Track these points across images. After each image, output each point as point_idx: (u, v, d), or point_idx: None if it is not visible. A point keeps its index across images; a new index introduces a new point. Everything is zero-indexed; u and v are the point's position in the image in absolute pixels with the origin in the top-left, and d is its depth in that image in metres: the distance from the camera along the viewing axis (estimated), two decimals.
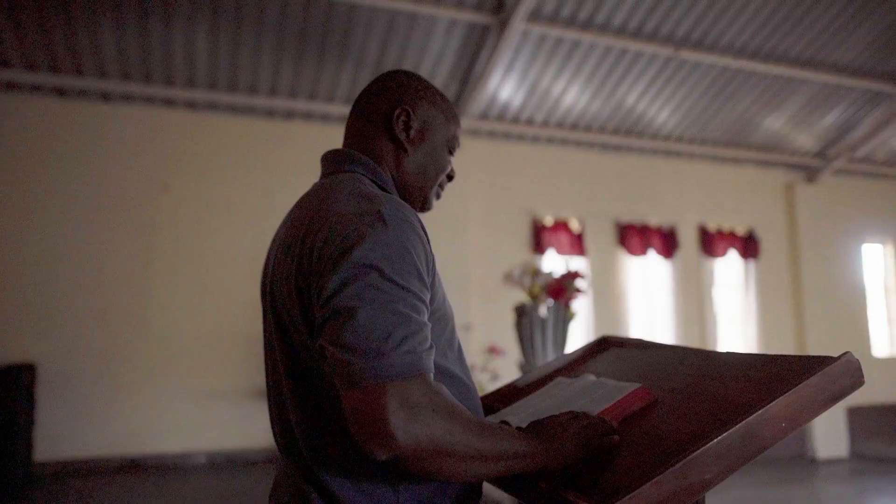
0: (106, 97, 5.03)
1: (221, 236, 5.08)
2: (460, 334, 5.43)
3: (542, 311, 3.22)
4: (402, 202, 0.93)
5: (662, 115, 6.12)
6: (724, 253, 6.66)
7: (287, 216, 1.02)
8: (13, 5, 4.23)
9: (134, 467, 4.72)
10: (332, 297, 0.81)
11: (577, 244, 6.14)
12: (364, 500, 0.88)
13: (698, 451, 0.80)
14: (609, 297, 6.23)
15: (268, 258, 1.04)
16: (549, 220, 6.11)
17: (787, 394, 0.86)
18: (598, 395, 1.04)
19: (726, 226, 6.74)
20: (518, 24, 4.66)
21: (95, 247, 4.92)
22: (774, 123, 6.44)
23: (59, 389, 4.69)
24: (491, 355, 4.75)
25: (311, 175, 1.19)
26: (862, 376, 0.90)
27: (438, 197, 1.14)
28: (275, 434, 1.01)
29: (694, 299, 6.54)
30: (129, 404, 4.82)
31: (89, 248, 4.90)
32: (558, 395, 1.12)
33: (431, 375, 0.81)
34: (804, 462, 6.19)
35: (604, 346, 1.46)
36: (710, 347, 6.37)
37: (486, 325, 5.49)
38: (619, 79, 5.55)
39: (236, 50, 4.81)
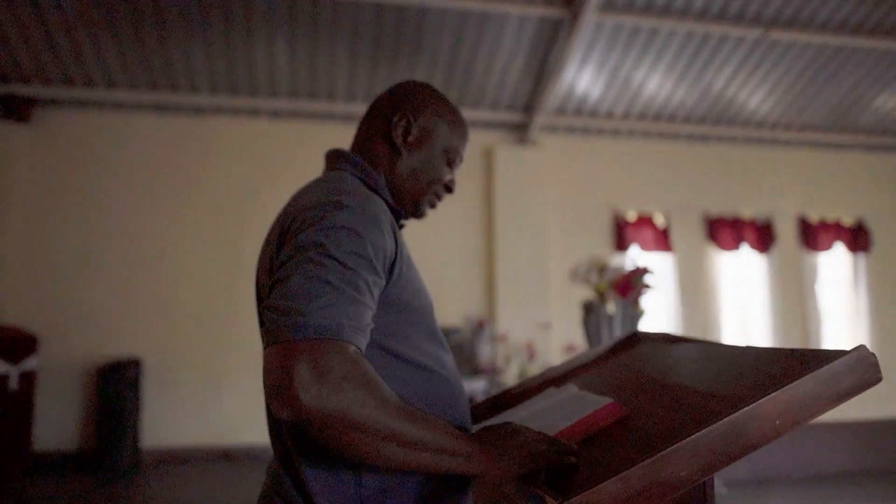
0: (198, 111, 5.39)
1: None
2: (540, 333, 5.29)
3: (610, 308, 3.12)
4: (373, 197, 0.94)
5: (754, 100, 5.75)
6: (828, 246, 6.15)
7: None
8: (116, 32, 4.63)
9: (227, 457, 5.03)
10: (276, 270, 0.86)
11: (663, 239, 5.89)
12: (327, 484, 0.89)
13: (672, 448, 0.75)
14: (698, 295, 5.93)
15: None
16: (631, 216, 5.90)
17: (781, 389, 0.79)
18: (570, 409, 1.00)
19: (831, 216, 6.23)
20: (590, 16, 4.54)
21: (192, 251, 5.28)
22: (886, 103, 5.88)
23: (161, 382, 5.08)
24: (569, 353, 4.68)
25: None
26: (878, 372, 0.82)
27: (433, 206, 1.14)
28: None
29: (794, 297, 6.09)
30: (224, 397, 5.14)
31: (187, 252, 5.27)
32: (536, 407, 1.10)
33: (353, 349, 0.80)
34: None
35: (633, 341, 1.41)
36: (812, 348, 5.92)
37: (565, 324, 5.40)
38: (703, 65, 5.27)
39: (314, 59, 5.01)
